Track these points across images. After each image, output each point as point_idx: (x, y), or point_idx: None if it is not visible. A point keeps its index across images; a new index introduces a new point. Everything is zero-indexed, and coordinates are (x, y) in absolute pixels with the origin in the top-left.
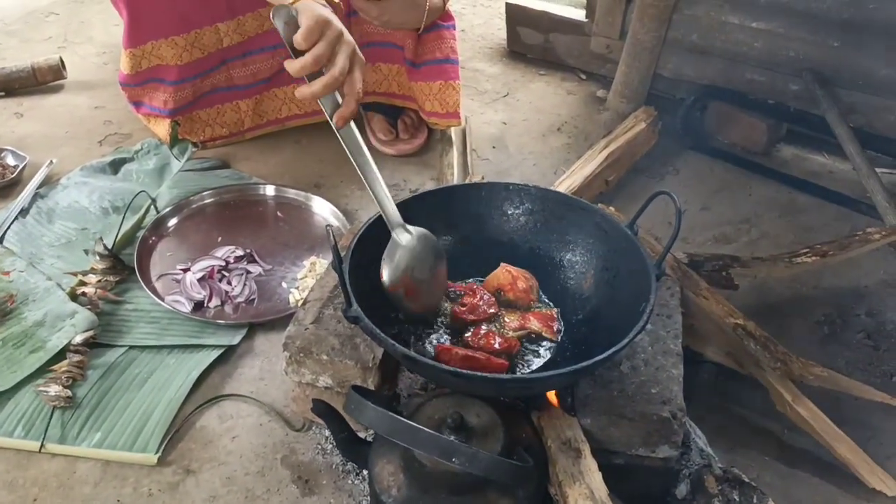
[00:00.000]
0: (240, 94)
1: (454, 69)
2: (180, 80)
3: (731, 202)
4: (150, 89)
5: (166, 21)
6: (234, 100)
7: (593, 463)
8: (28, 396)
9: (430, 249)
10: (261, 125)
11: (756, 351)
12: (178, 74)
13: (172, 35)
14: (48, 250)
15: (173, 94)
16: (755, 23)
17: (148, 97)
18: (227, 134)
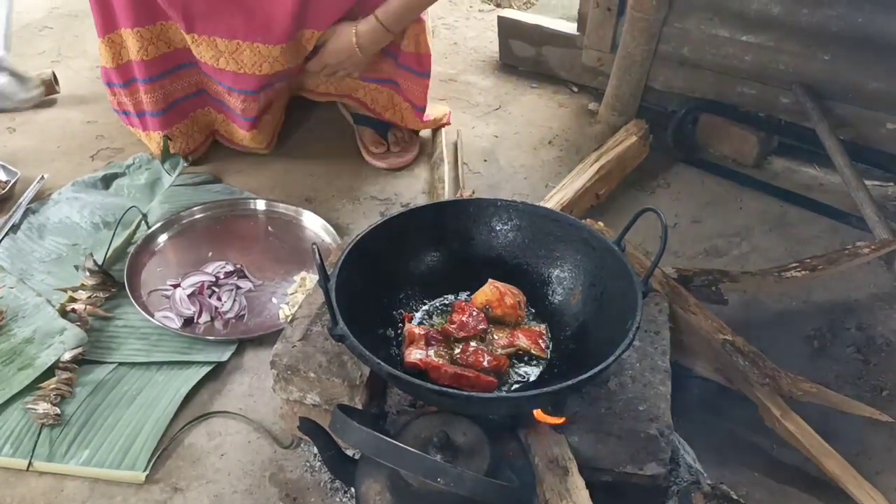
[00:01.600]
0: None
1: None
2: (149, 79)
3: (722, 215)
4: (133, 91)
5: (131, 9)
6: (205, 106)
7: (580, 481)
8: (16, 414)
9: None
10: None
11: (744, 367)
12: (146, 71)
13: (137, 26)
14: (39, 266)
15: (146, 94)
16: (745, 36)
17: (132, 102)
18: (203, 139)
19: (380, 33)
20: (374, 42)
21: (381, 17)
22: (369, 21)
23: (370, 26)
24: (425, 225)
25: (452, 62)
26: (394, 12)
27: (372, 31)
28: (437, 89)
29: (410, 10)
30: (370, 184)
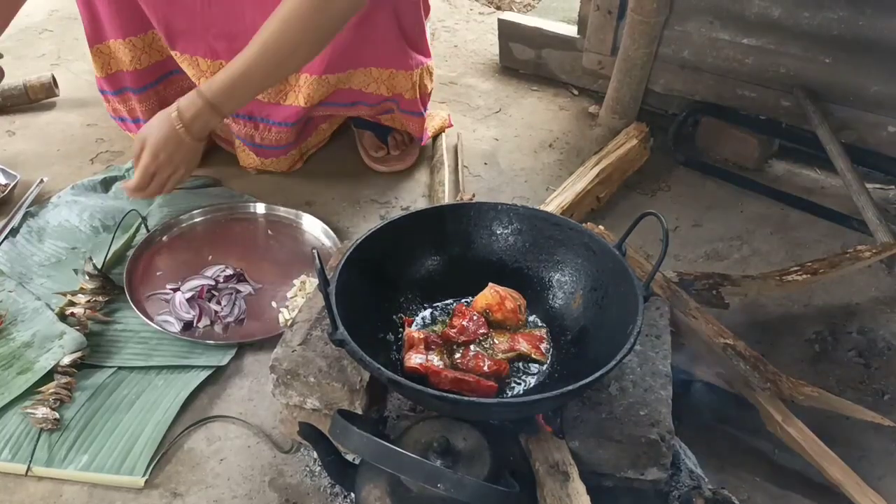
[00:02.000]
0: None
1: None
2: (143, 88)
3: (722, 218)
4: (125, 99)
5: (122, 19)
6: None
7: (581, 486)
8: (15, 419)
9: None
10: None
11: (746, 371)
12: (139, 80)
13: (129, 36)
14: (38, 270)
15: (140, 103)
16: (746, 39)
17: (126, 109)
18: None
19: (205, 112)
20: (202, 121)
21: (205, 92)
22: (190, 97)
23: (191, 102)
24: (425, 229)
25: (452, 65)
26: (219, 89)
27: (195, 108)
28: (438, 92)
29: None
30: (370, 187)
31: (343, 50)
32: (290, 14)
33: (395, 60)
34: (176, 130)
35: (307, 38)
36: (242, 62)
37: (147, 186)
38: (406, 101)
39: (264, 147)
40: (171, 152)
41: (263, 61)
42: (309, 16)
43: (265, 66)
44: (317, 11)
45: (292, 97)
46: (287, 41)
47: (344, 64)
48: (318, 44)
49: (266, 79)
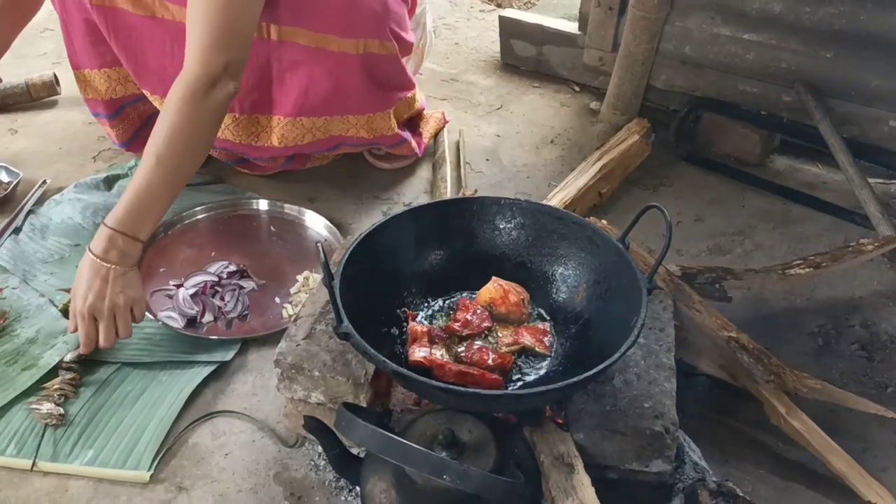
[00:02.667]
0: None
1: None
2: (119, 110)
3: (724, 213)
4: (102, 123)
5: (97, 51)
6: None
7: (586, 478)
8: (20, 414)
9: None
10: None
11: (749, 364)
12: (114, 106)
13: (105, 67)
14: (41, 267)
15: (118, 126)
16: (747, 34)
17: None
18: None
19: (116, 239)
20: (118, 249)
21: (109, 223)
22: (98, 233)
23: (99, 236)
24: (429, 223)
25: (454, 62)
26: (124, 214)
27: (105, 239)
28: (439, 89)
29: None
30: (372, 183)
31: (315, 100)
32: (174, 118)
33: (370, 106)
34: (94, 263)
35: (195, 137)
36: (140, 182)
37: (94, 335)
38: (389, 138)
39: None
40: (98, 289)
41: (161, 173)
42: (192, 113)
43: (163, 177)
44: (199, 108)
45: (264, 137)
46: (178, 145)
47: (318, 110)
48: (205, 138)
49: (167, 189)
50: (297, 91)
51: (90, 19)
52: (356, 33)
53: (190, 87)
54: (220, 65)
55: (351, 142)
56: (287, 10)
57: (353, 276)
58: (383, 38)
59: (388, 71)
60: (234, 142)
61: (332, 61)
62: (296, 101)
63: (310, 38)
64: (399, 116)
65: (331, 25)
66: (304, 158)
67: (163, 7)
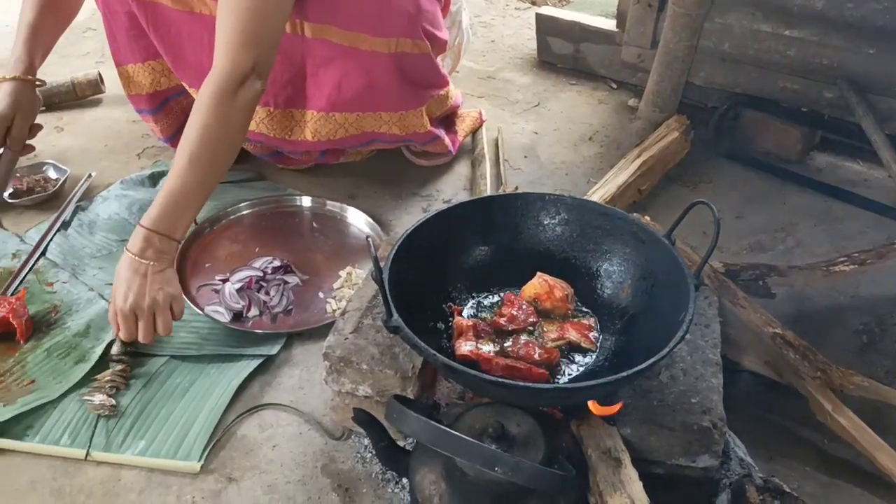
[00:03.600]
0: None
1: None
2: (162, 104)
3: (765, 211)
4: (146, 120)
5: (140, 45)
6: None
7: (634, 472)
8: (73, 405)
9: None
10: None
11: (795, 360)
12: (157, 100)
13: (149, 59)
14: (90, 261)
15: (162, 121)
16: (788, 31)
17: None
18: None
19: (152, 239)
20: (155, 249)
21: (145, 224)
22: (134, 233)
23: (135, 236)
24: (474, 219)
25: (490, 60)
26: (158, 215)
27: (141, 239)
28: (476, 87)
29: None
30: (411, 181)
31: (348, 96)
32: (205, 117)
33: (402, 104)
34: (133, 262)
35: (226, 135)
36: (174, 182)
37: (134, 331)
38: (421, 135)
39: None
40: (138, 287)
41: (194, 172)
42: (222, 111)
43: (196, 176)
44: (228, 106)
45: (298, 132)
46: (210, 144)
47: (351, 105)
48: (236, 136)
49: (201, 188)
50: (330, 87)
51: (132, 13)
52: (388, 32)
53: (219, 85)
54: (248, 63)
55: (383, 138)
56: (319, 8)
57: (400, 270)
58: (416, 38)
59: (420, 69)
60: (268, 135)
61: (365, 59)
62: (329, 97)
63: (342, 37)
64: (431, 113)
65: (362, 24)
66: (337, 153)
67: (201, 2)
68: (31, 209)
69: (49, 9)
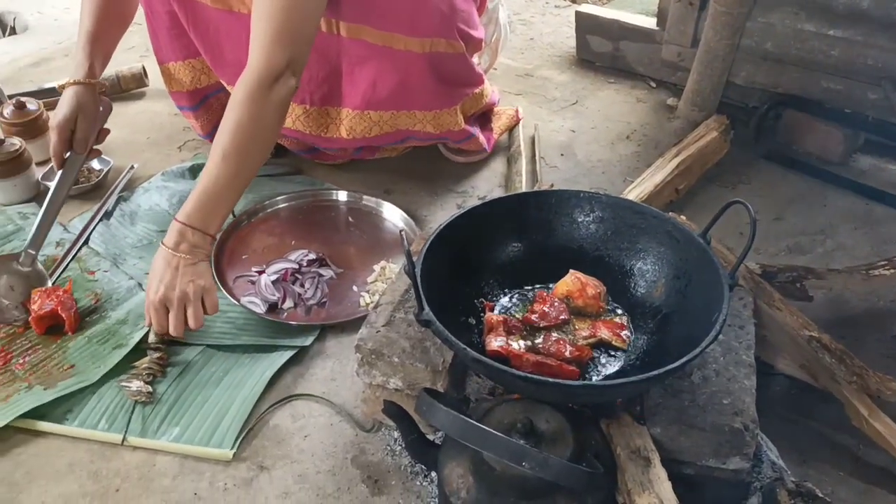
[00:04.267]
0: None
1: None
2: (202, 101)
3: (805, 213)
4: (186, 116)
5: (180, 43)
6: None
7: (663, 472)
8: (111, 391)
9: None
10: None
11: (831, 364)
12: (197, 97)
13: (189, 57)
14: (130, 251)
15: (201, 117)
16: (832, 30)
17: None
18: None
19: (187, 234)
20: (188, 241)
21: (181, 219)
22: (170, 228)
23: (171, 230)
24: (508, 215)
25: (528, 57)
26: (192, 210)
27: (176, 233)
28: (514, 84)
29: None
30: (447, 177)
31: (382, 95)
32: (239, 113)
33: (436, 103)
34: (167, 256)
35: (259, 132)
36: (207, 178)
37: (165, 323)
38: (456, 134)
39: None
40: (170, 279)
41: (227, 169)
42: (256, 109)
43: (230, 172)
44: (262, 103)
45: (333, 129)
46: (243, 141)
47: (385, 104)
48: (270, 133)
49: (234, 184)
50: (365, 85)
51: (173, 11)
52: (422, 32)
53: (253, 83)
54: (282, 61)
55: (418, 136)
56: (353, 8)
57: (433, 265)
58: (450, 38)
59: (455, 68)
60: (304, 132)
61: (399, 59)
62: (364, 95)
63: (376, 36)
64: (466, 112)
65: (396, 24)
66: (372, 150)
67: (239, 1)
68: (75, 199)
69: (105, 16)
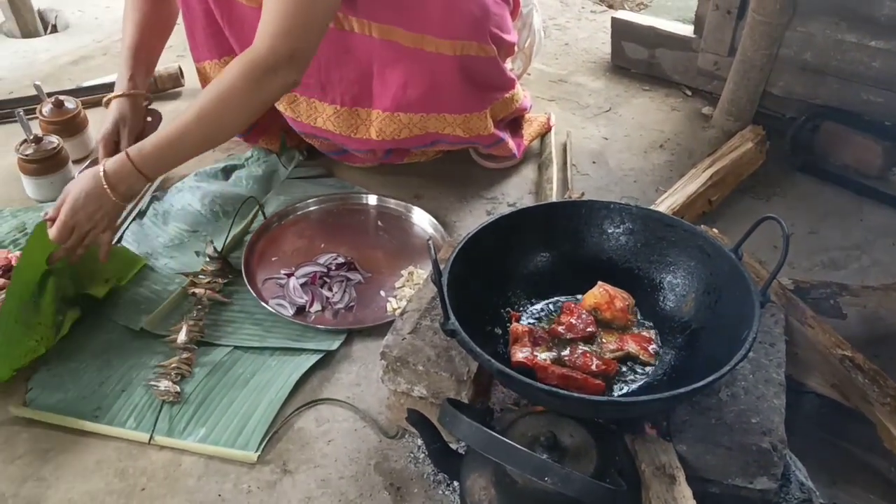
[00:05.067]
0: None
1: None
2: None
3: (840, 227)
4: None
5: (216, 41)
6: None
7: (688, 490)
8: (139, 390)
9: None
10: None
11: (864, 384)
12: None
13: (224, 56)
14: (162, 250)
15: None
16: (874, 41)
17: None
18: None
19: (132, 175)
20: (128, 184)
21: (133, 156)
22: (119, 159)
23: (119, 165)
24: (536, 225)
25: (563, 63)
26: (149, 154)
27: (122, 171)
28: (547, 90)
29: (170, 153)
30: (477, 183)
31: (413, 97)
32: (229, 87)
33: (466, 106)
34: (101, 188)
35: (241, 111)
36: (175, 129)
37: (66, 240)
38: (485, 138)
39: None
40: (92, 210)
41: (197, 130)
42: (246, 89)
43: (197, 135)
44: (254, 87)
45: (363, 130)
46: (222, 112)
47: (415, 106)
48: (249, 115)
49: (196, 146)
50: (395, 87)
51: (209, 9)
52: (453, 35)
53: (252, 65)
54: (286, 52)
55: (448, 139)
56: (385, 9)
57: (460, 273)
58: (482, 41)
59: (486, 72)
60: (334, 132)
61: (429, 61)
62: (394, 97)
63: (407, 38)
64: (496, 116)
65: (427, 26)
66: (402, 153)
67: None
68: None
69: (147, 28)
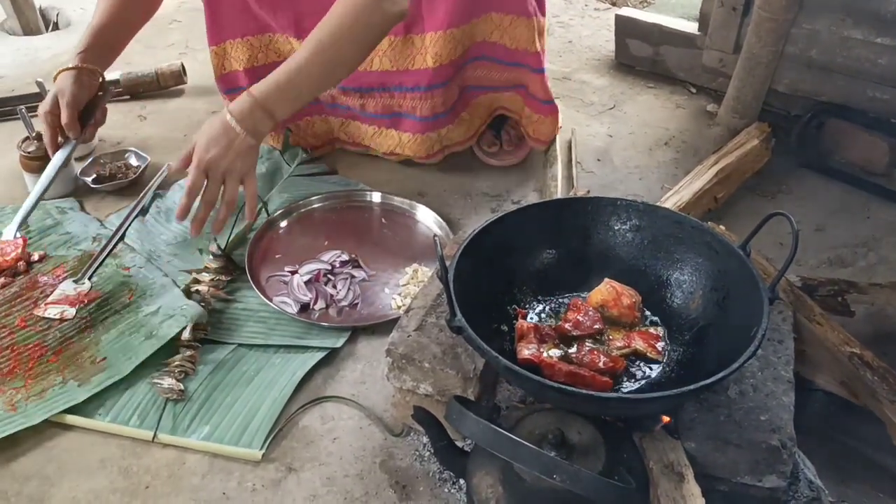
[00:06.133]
0: (326, 111)
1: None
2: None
3: (847, 224)
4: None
5: (242, 20)
6: (322, 114)
7: (696, 488)
8: (143, 388)
9: None
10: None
11: (873, 382)
12: (250, 77)
13: (248, 35)
14: (165, 248)
15: None
16: (880, 38)
17: None
18: (319, 144)
19: (257, 110)
20: (252, 119)
21: (255, 93)
22: (241, 98)
23: (242, 101)
24: (543, 222)
25: (567, 60)
26: (269, 88)
27: (246, 105)
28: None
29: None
30: (482, 180)
31: (461, 5)
32: (343, 17)
33: (513, 6)
34: (227, 123)
35: (358, 42)
36: (295, 63)
37: (201, 185)
38: (531, 57)
39: (402, 115)
40: (223, 147)
41: (317, 61)
42: (363, 18)
43: (315, 69)
44: (369, 15)
45: (419, 60)
46: (339, 44)
47: (465, 15)
48: (366, 47)
49: (315, 82)
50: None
51: None
52: None
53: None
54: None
55: (495, 53)
56: None
57: (466, 270)
58: None
59: None
60: (390, 70)
61: None
62: (445, 12)
63: None
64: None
65: None
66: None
67: None
68: (113, 195)
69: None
